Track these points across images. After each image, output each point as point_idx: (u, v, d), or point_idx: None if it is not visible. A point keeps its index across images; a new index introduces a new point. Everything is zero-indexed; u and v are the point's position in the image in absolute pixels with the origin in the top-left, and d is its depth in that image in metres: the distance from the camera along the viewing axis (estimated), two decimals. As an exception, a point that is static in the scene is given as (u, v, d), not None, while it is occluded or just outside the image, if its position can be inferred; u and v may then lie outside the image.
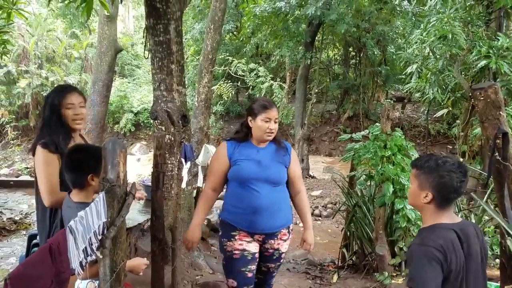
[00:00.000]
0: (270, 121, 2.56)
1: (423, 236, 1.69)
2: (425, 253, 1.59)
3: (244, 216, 2.55)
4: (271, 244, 2.61)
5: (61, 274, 1.43)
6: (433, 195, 1.69)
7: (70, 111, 2.49)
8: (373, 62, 16.21)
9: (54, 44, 17.29)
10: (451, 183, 1.66)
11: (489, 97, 2.10)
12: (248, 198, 2.53)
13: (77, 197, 2.07)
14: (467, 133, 6.99)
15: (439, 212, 1.72)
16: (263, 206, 2.51)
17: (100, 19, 9.88)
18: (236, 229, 2.59)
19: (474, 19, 6.19)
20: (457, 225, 1.70)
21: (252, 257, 2.61)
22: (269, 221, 2.55)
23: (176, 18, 3.47)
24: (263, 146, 2.64)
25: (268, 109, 2.58)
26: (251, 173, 2.54)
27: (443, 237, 1.63)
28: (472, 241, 1.69)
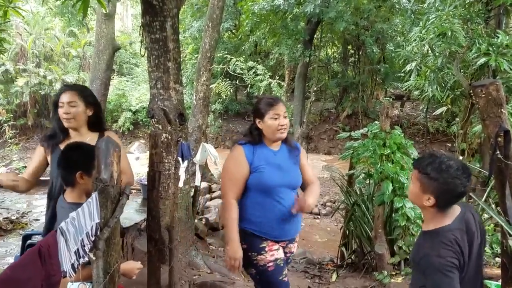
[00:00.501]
0: (279, 117, 2.43)
1: (437, 246, 1.65)
2: (445, 265, 1.59)
3: (271, 225, 2.41)
4: (289, 248, 2.57)
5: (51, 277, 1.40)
6: (435, 200, 1.67)
7: (61, 109, 2.55)
8: (372, 60, 16.18)
9: (52, 42, 17.24)
10: (455, 189, 1.64)
11: (490, 95, 2.07)
12: (274, 206, 2.40)
13: (70, 197, 2.03)
14: (466, 131, 6.96)
15: (442, 214, 1.70)
16: (290, 212, 2.40)
17: (98, 17, 9.83)
18: (263, 239, 2.43)
19: (473, 16, 6.16)
20: (459, 218, 1.70)
21: (284, 263, 2.52)
22: (294, 227, 2.50)
23: (172, 15, 3.43)
24: (277, 149, 2.52)
25: (274, 105, 2.45)
26: (276, 180, 2.40)
27: (455, 241, 1.63)
28: (472, 227, 1.71)
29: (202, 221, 5.34)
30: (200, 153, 4.37)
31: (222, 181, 2.53)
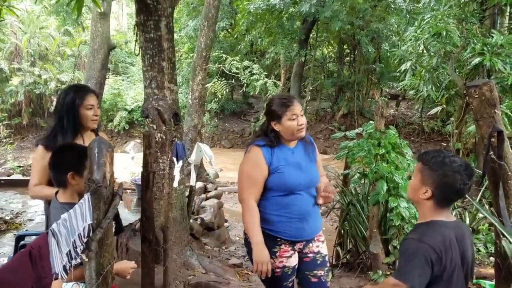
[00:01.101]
0: (297, 117, 2.35)
1: (421, 231, 1.64)
2: (421, 251, 1.56)
3: (290, 224, 2.35)
4: (309, 248, 2.45)
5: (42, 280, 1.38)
6: (432, 192, 1.64)
7: (90, 112, 2.57)
8: (368, 60, 16.21)
9: (47, 41, 17.17)
10: (454, 183, 1.61)
11: (484, 95, 2.07)
12: (294, 205, 2.35)
13: (62, 197, 2.02)
14: (461, 131, 6.98)
15: (437, 210, 1.67)
16: (308, 212, 2.38)
17: (93, 16, 9.80)
18: (277, 242, 2.38)
19: (468, 16, 6.17)
20: (454, 223, 1.69)
21: (292, 271, 2.44)
22: (315, 226, 2.44)
23: (167, 14, 3.42)
24: (294, 146, 2.47)
25: (290, 106, 2.36)
26: (297, 180, 2.36)
27: (441, 234, 1.60)
28: (466, 241, 1.67)
29: (197, 221, 5.33)
30: (195, 153, 4.37)
31: (239, 184, 2.44)
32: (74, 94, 2.55)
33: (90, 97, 2.58)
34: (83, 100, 2.55)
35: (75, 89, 2.62)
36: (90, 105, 2.56)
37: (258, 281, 4.48)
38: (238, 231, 7.03)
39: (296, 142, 2.48)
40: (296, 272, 2.48)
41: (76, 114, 2.54)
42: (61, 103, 2.56)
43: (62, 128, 2.53)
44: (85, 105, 2.55)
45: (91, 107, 2.57)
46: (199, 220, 5.41)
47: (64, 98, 2.56)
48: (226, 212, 7.34)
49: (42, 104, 16.82)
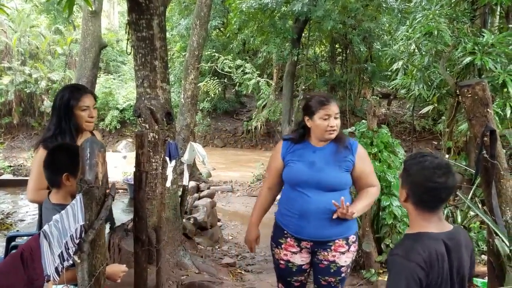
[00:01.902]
0: (329, 118, 2.33)
1: (408, 247, 1.57)
2: (407, 269, 1.50)
3: (291, 219, 2.39)
4: (324, 256, 2.38)
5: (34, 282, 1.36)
6: (407, 194, 1.60)
7: (85, 113, 2.53)
8: (360, 59, 16.26)
9: (37, 40, 17.03)
10: (422, 182, 1.54)
11: (476, 94, 2.08)
12: (296, 201, 2.37)
13: (55, 198, 2.00)
14: (452, 129, 7.02)
15: (424, 217, 1.59)
16: (311, 211, 2.32)
17: (84, 15, 9.72)
18: (284, 234, 2.44)
19: (459, 15, 6.21)
20: (447, 234, 1.59)
21: (297, 269, 2.47)
22: (318, 229, 2.33)
23: (159, 13, 3.40)
24: (321, 146, 2.41)
25: (326, 105, 2.34)
26: (301, 176, 2.36)
27: (428, 249, 1.53)
28: (461, 251, 1.60)
29: (190, 221, 5.31)
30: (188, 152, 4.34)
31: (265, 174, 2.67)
32: (70, 95, 2.51)
33: (86, 98, 2.53)
34: (78, 101, 2.50)
35: (71, 89, 2.57)
36: (85, 106, 2.52)
37: (251, 281, 4.49)
38: (231, 230, 7.03)
39: (325, 142, 2.42)
40: (304, 274, 2.50)
41: (72, 115, 2.50)
42: (58, 104, 2.52)
43: (61, 129, 2.49)
44: (80, 106, 2.51)
45: (86, 108, 2.53)
46: (192, 219, 5.39)
47: (61, 99, 2.51)
48: (219, 211, 7.33)
49: (32, 103, 16.67)
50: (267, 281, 4.36)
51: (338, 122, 2.37)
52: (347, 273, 2.46)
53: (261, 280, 4.46)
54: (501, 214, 2.14)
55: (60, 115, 2.49)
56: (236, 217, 8.00)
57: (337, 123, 2.37)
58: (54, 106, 2.55)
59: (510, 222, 2.18)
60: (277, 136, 17.30)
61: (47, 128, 2.57)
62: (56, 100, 2.53)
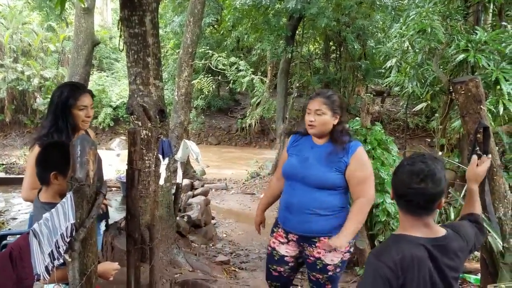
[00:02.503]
0: (310, 112, 2.40)
1: (383, 248, 1.58)
2: (377, 269, 1.50)
3: (281, 210, 2.56)
4: (310, 252, 2.44)
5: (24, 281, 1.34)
6: (391, 196, 1.61)
7: (82, 112, 2.50)
8: (353, 56, 16.29)
9: (30, 37, 16.89)
10: (399, 185, 1.55)
11: (470, 91, 2.08)
12: (285, 193, 2.53)
13: (44, 197, 1.98)
14: (445, 126, 7.05)
15: (407, 220, 1.57)
16: (295, 205, 2.40)
17: (76, 12, 9.65)
18: (278, 224, 2.60)
19: (452, 13, 6.22)
20: (433, 240, 1.55)
21: (279, 259, 2.57)
22: (300, 223, 2.39)
23: (152, 9, 3.38)
24: (320, 143, 2.45)
25: (311, 100, 2.45)
26: (290, 169, 2.48)
27: (403, 253, 1.50)
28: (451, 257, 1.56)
29: (184, 219, 5.29)
30: (181, 150, 4.33)
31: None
32: (69, 93, 2.47)
33: (84, 97, 2.51)
34: (77, 101, 2.47)
35: (70, 88, 2.53)
36: (83, 105, 2.50)
37: (245, 278, 4.48)
38: (225, 228, 7.02)
39: (324, 141, 2.45)
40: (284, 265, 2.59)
41: (69, 114, 2.46)
42: (56, 102, 2.47)
43: (57, 128, 2.45)
44: (78, 105, 2.48)
45: (83, 107, 2.50)
46: (186, 217, 5.37)
47: (59, 97, 2.47)
48: (213, 209, 7.31)
49: (25, 101, 16.53)
50: (261, 279, 4.34)
51: (319, 118, 2.37)
52: (336, 272, 2.43)
53: (255, 277, 4.46)
54: (494, 211, 2.15)
55: (57, 113, 2.46)
56: (231, 215, 7.99)
57: (318, 119, 2.37)
58: (51, 103, 2.51)
59: (503, 219, 2.19)
60: (271, 134, 17.32)
61: (42, 126, 2.54)
62: (54, 97, 2.49)
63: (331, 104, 2.38)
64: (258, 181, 10.77)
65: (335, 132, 2.41)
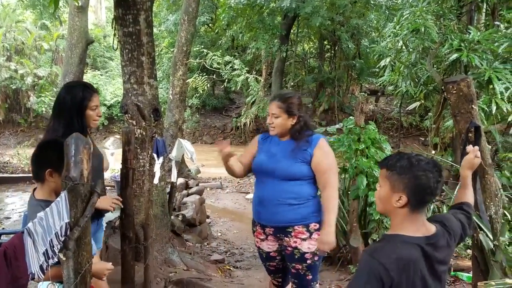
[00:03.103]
0: (269, 115, 2.57)
1: (377, 246, 1.57)
2: (370, 267, 1.48)
3: (254, 206, 2.64)
4: (287, 242, 2.52)
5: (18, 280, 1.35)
6: (408, 197, 1.51)
7: (94, 112, 2.48)
8: (348, 56, 16.31)
9: (23, 35, 16.77)
10: (428, 183, 1.50)
11: (461, 91, 2.10)
12: (257, 188, 2.62)
13: (39, 194, 1.98)
14: (438, 125, 7.10)
15: (409, 219, 1.55)
16: (266, 197, 2.52)
17: (70, 10, 9.59)
18: (254, 222, 2.67)
19: (446, 12, 6.26)
20: (427, 239, 1.54)
21: (266, 256, 2.69)
22: (273, 214, 2.50)
23: (146, 8, 3.37)
24: (284, 140, 2.60)
25: (269, 103, 2.62)
26: (260, 165, 2.59)
27: (397, 253, 1.49)
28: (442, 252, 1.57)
29: (178, 218, 5.29)
30: (176, 149, 4.33)
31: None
32: (83, 94, 2.42)
33: (95, 97, 2.49)
34: (90, 101, 2.44)
35: (83, 88, 2.47)
36: (95, 105, 2.48)
37: (240, 277, 4.49)
38: (220, 227, 7.02)
39: (287, 138, 2.59)
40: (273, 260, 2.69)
41: (83, 115, 2.43)
42: (70, 103, 2.39)
43: (72, 129, 2.28)
44: (91, 105, 2.45)
45: (95, 107, 2.48)
46: (180, 216, 5.37)
47: (73, 98, 2.40)
48: (208, 208, 7.31)
49: (18, 100, 16.42)
50: (256, 277, 4.37)
51: (276, 120, 2.54)
52: (314, 260, 2.52)
53: (250, 276, 4.47)
54: (485, 209, 2.18)
55: (72, 114, 2.38)
56: (225, 214, 8.00)
57: (275, 121, 2.53)
58: (62, 105, 2.41)
59: (494, 217, 2.22)
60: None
61: (53, 129, 2.43)
62: (66, 99, 2.41)
63: (286, 107, 2.52)
64: (253, 180, 10.77)
65: (293, 130, 2.56)
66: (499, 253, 2.11)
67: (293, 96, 2.58)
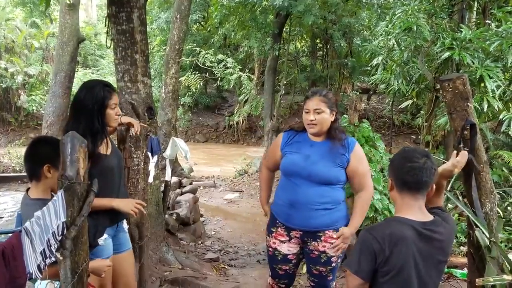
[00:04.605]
0: (309, 112, 2.43)
1: (376, 225, 1.77)
2: (365, 240, 1.65)
3: (282, 208, 2.51)
4: (314, 246, 2.47)
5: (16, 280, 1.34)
6: (392, 181, 1.73)
7: (113, 111, 2.42)
8: (340, 54, 16.35)
9: (13, 33, 16.57)
10: (403, 163, 1.68)
11: (457, 89, 2.11)
12: (288, 191, 2.49)
13: (34, 193, 1.96)
14: (430, 124, 7.13)
15: (407, 204, 1.69)
16: (300, 201, 2.41)
17: (61, 8, 9.49)
18: (276, 223, 2.56)
19: (437, 11, 6.29)
20: (423, 223, 1.67)
21: (282, 258, 2.58)
22: (306, 218, 2.42)
23: (139, 6, 3.35)
24: (319, 140, 2.50)
25: (308, 99, 2.48)
26: (295, 167, 2.46)
27: (391, 230, 1.65)
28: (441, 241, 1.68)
29: (173, 216, 5.28)
30: (170, 148, 4.31)
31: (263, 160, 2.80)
32: (104, 93, 2.35)
33: (114, 96, 2.44)
34: (110, 100, 2.38)
35: (102, 87, 2.39)
36: (114, 104, 2.42)
37: (235, 275, 4.49)
38: (213, 225, 7.02)
39: (322, 138, 2.50)
40: (288, 263, 2.60)
41: (104, 114, 2.37)
42: (91, 103, 2.32)
43: (92, 129, 2.30)
44: (111, 104, 2.39)
45: (115, 106, 2.43)
46: (174, 215, 5.36)
47: (94, 98, 2.32)
48: (201, 206, 7.30)
49: (9, 98, 16.24)
50: (251, 275, 4.37)
51: (319, 116, 2.42)
52: (337, 262, 2.56)
53: (245, 274, 4.47)
54: (480, 206, 2.20)
55: (93, 114, 2.32)
56: (219, 213, 8.00)
57: (318, 117, 2.41)
58: (83, 105, 2.33)
59: (489, 214, 2.24)
60: (259, 131, 17.33)
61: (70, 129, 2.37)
62: (86, 99, 2.33)
63: (328, 101, 2.44)
64: (246, 179, 10.78)
65: (332, 129, 2.47)
66: (495, 250, 2.12)
67: (330, 92, 2.53)
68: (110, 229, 2.43)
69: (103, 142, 2.39)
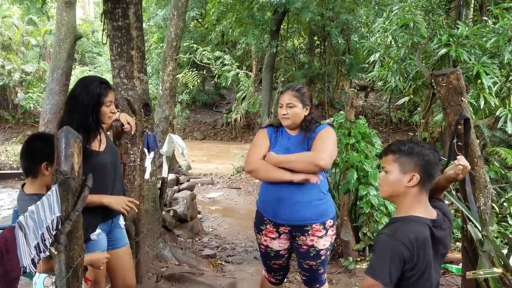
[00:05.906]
0: (282, 107, 2.52)
1: (395, 227, 1.61)
2: (393, 247, 1.53)
3: (269, 204, 2.52)
4: (303, 241, 2.48)
5: (10, 273, 1.34)
6: (420, 175, 1.60)
7: (108, 108, 2.42)
8: (337, 51, 16.33)
9: (10, 31, 16.53)
10: (435, 159, 1.62)
11: (451, 83, 2.12)
12: (273, 186, 2.48)
13: (30, 188, 1.96)
14: (427, 120, 7.16)
15: (418, 199, 1.63)
16: (285, 195, 2.43)
17: (58, 5, 9.45)
18: (264, 220, 2.55)
19: (434, 8, 6.31)
20: (433, 221, 1.63)
21: (275, 254, 2.62)
22: (293, 212, 2.42)
23: (135, 2, 3.34)
24: (294, 134, 2.57)
25: (282, 94, 2.58)
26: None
27: (415, 232, 1.56)
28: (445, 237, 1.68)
29: (170, 213, 5.29)
30: (167, 145, 4.31)
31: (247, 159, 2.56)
32: (100, 90, 2.35)
33: (110, 93, 2.43)
34: (105, 97, 2.38)
35: (98, 84, 2.39)
36: (110, 101, 2.42)
37: (232, 271, 4.50)
38: (211, 222, 7.03)
39: (297, 131, 2.56)
40: (281, 258, 2.64)
41: (98, 111, 2.37)
42: (86, 99, 2.32)
43: (85, 125, 2.30)
44: (106, 101, 2.39)
45: (110, 103, 2.43)
46: (171, 212, 5.36)
47: (89, 94, 2.33)
48: (199, 203, 7.31)
49: (6, 96, 16.21)
50: (248, 272, 4.38)
51: (291, 111, 2.49)
52: (327, 255, 2.57)
53: (242, 270, 4.48)
54: (474, 200, 2.21)
55: (87, 111, 2.32)
56: (216, 209, 8.00)
57: (291, 112, 2.49)
58: (78, 101, 2.33)
59: (483, 208, 2.25)
60: (256, 129, 17.30)
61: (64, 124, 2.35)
62: (81, 95, 2.33)
63: (301, 96, 2.52)
64: (244, 176, 10.78)
65: (304, 122, 2.53)
66: (487, 243, 2.14)
67: (304, 87, 2.59)
68: (104, 225, 2.43)
69: (96, 139, 2.39)
